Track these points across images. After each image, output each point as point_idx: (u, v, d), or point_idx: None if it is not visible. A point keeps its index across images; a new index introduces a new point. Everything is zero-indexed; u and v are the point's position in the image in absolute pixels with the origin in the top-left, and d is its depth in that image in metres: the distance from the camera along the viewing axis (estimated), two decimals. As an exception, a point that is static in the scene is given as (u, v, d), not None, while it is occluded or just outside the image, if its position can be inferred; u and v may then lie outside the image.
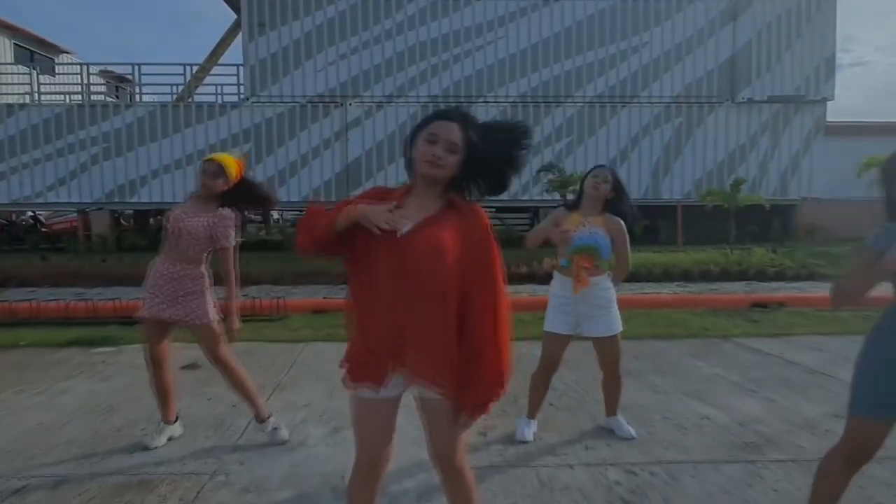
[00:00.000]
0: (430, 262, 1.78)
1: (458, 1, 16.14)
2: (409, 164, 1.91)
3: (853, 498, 2.37)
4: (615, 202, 3.41)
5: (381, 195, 1.94)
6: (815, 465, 2.19)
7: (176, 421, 3.49)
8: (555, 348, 3.49)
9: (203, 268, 3.38)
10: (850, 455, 2.09)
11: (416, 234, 1.80)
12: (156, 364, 3.36)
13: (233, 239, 3.38)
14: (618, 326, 3.42)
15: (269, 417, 3.47)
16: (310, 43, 15.96)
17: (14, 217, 18.72)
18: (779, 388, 4.40)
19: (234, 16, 17.55)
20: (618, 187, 3.40)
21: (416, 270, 1.78)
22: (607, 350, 3.44)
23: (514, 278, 11.13)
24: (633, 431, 3.47)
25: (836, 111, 72.95)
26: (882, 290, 2.08)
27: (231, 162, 3.45)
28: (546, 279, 10.65)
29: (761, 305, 8.07)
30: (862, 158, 12.61)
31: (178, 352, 5.69)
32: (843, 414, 2.14)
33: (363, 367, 1.86)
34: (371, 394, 1.85)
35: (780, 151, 16.54)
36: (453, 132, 1.82)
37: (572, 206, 3.50)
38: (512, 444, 3.41)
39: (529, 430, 3.51)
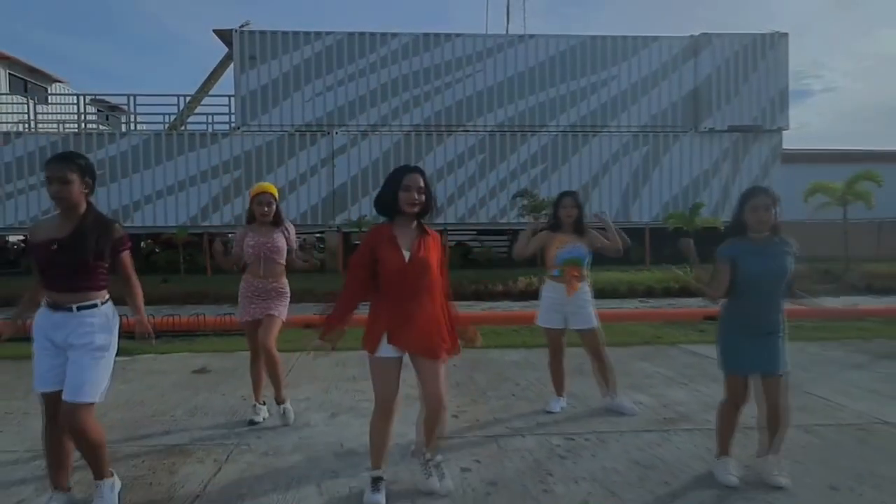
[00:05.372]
0: None
1: (438, 37, 17.17)
2: None
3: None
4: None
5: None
6: (713, 431, 3.21)
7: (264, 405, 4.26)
8: (555, 338, 4.38)
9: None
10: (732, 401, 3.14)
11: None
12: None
13: None
14: (597, 321, 4.37)
15: (285, 402, 4.21)
16: (298, 75, 16.84)
17: (6, 242, 19.15)
18: (706, 381, 5.22)
19: (218, 44, 18.27)
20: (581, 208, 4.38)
21: None
22: (591, 339, 4.37)
23: (493, 295, 11.94)
24: (634, 407, 4.35)
25: (807, 136, 75.70)
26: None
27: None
28: (521, 296, 11.49)
29: (712, 318, 8.92)
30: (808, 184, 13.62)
31: (188, 359, 6.41)
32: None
33: None
34: None
35: (741, 177, 17.65)
36: None
37: (556, 229, 4.39)
38: (477, 423, 4.17)
39: (558, 404, 4.41)
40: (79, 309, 2.78)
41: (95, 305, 2.81)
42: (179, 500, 2.96)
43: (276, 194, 4.21)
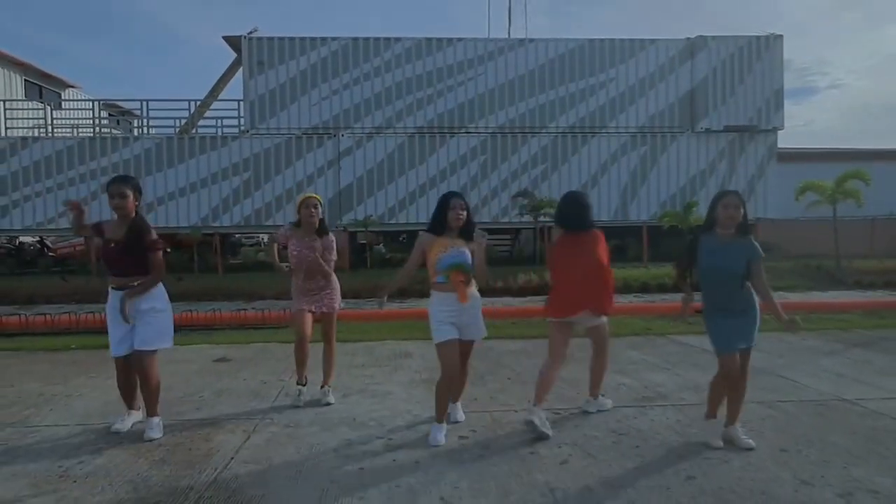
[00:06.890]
0: None
1: (440, 41, 17.64)
2: None
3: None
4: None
5: None
6: (689, 408, 3.82)
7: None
8: (454, 355, 3.76)
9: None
10: (725, 374, 3.64)
11: None
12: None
13: None
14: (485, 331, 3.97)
15: (328, 385, 4.71)
16: (305, 80, 17.34)
17: (20, 242, 19.70)
18: (686, 367, 5.67)
19: (222, 45, 18.72)
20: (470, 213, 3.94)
21: None
22: (468, 350, 3.99)
23: (494, 292, 12.40)
24: (462, 417, 4.11)
25: (811, 133, 75.85)
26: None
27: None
28: (520, 293, 11.91)
29: (701, 312, 9.38)
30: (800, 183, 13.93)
31: (208, 350, 6.88)
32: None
33: None
34: None
35: (737, 176, 18.07)
36: None
37: (439, 232, 3.89)
38: (475, 402, 4.63)
39: (441, 434, 3.71)
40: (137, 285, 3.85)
41: None
42: (217, 461, 3.44)
43: (322, 202, 4.70)
